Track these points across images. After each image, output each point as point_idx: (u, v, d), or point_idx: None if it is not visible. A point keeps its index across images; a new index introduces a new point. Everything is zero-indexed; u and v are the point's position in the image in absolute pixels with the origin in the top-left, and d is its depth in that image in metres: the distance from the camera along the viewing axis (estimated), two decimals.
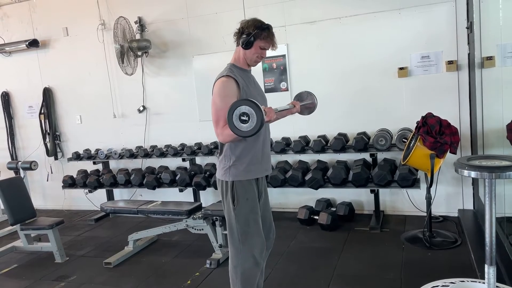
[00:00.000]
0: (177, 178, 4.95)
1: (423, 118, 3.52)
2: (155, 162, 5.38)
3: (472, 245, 3.40)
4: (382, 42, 4.33)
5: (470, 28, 3.83)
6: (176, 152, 5.08)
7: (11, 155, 6.18)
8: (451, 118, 3.66)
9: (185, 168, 5.12)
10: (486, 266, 2.07)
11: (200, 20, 5.01)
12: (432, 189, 3.65)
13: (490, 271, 2.06)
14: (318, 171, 4.30)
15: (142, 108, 5.44)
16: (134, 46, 5.06)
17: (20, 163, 5.19)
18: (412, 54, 4.24)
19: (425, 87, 4.24)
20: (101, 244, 4.47)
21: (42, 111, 5.88)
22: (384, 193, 4.50)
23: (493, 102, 3.57)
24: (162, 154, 5.14)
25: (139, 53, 5.19)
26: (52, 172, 6.06)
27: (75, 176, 5.56)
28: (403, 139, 3.92)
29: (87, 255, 4.21)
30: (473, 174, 2.00)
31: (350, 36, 4.44)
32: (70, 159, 5.67)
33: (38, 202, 5.93)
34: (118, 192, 5.74)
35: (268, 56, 2.76)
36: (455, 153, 3.47)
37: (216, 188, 4.40)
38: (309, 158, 4.71)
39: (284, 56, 4.70)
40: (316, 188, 4.29)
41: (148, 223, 4.77)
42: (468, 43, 3.94)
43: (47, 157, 5.96)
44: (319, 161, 4.52)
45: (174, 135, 5.33)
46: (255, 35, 2.35)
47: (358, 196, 4.63)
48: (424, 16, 4.15)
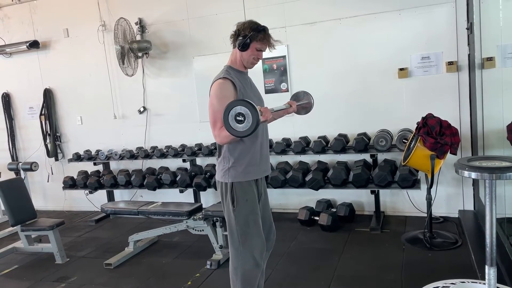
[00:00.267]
0: (177, 179, 4.95)
1: (423, 119, 3.52)
2: (156, 163, 5.38)
3: (473, 246, 3.40)
4: (382, 43, 4.33)
5: (470, 29, 3.83)
6: (177, 153, 5.09)
7: (12, 156, 6.18)
8: (451, 119, 3.66)
9: (185, 169, 5.12)
10: (487, 267, 2.07)
11: (201, 21, 5.02)
12: (433, 190, 3.65)
13: (491, 272, 2.06)
14: (318, 172, 4.30)
15: (142, 109, 5.44)
16: (135, 47, 5.07)
17: (20, 164, 5.20)
18: (412, 55, 4.25)
19: (425, 88, 4.24)
20: (101, 245, 4.47)
21: (43, 112, 5.88)
22: (384, 194, 4.50)
23: (493, 103, 3.57)
24: (163, 155, 5.14)
25: (140, 54, 5.19)
26: (52, 173, 6.06)
27: (75, 177, 5.55)
28: (404, 140, 3.92)
29: (88, 256, 4.21)
30: (473, 175, 2.00)
31: (351, 37, 4.44)
32: (70, 160, 5.68)
33: (39, 203, 5.92)
34: (118, 193, 5.74)
35: (268, 57, 2.76)
36: (455, 154, 3.47)
37: (216, 189, 4.39)
38: (309, 159, 4.71)
39: (284, 57, 4.70)
40: (317, 189, 4.30)
41: (148, 224, 4.77)
42: (468, 44, 3.94)
43: (47, 158, 5.96)
44: (319, 162, 4.52)
45: (175, 136, 5.34)
46: (251, 37, 2.34)
47: (359, 197, 4.63)
48: (424, 17, 4.15)
